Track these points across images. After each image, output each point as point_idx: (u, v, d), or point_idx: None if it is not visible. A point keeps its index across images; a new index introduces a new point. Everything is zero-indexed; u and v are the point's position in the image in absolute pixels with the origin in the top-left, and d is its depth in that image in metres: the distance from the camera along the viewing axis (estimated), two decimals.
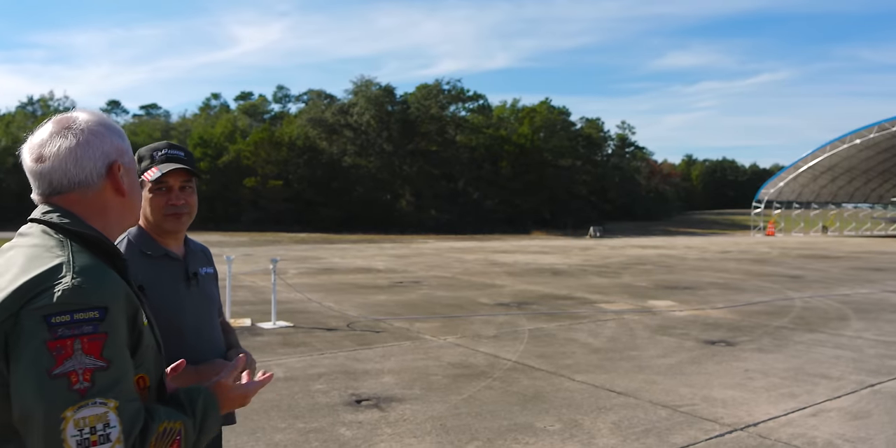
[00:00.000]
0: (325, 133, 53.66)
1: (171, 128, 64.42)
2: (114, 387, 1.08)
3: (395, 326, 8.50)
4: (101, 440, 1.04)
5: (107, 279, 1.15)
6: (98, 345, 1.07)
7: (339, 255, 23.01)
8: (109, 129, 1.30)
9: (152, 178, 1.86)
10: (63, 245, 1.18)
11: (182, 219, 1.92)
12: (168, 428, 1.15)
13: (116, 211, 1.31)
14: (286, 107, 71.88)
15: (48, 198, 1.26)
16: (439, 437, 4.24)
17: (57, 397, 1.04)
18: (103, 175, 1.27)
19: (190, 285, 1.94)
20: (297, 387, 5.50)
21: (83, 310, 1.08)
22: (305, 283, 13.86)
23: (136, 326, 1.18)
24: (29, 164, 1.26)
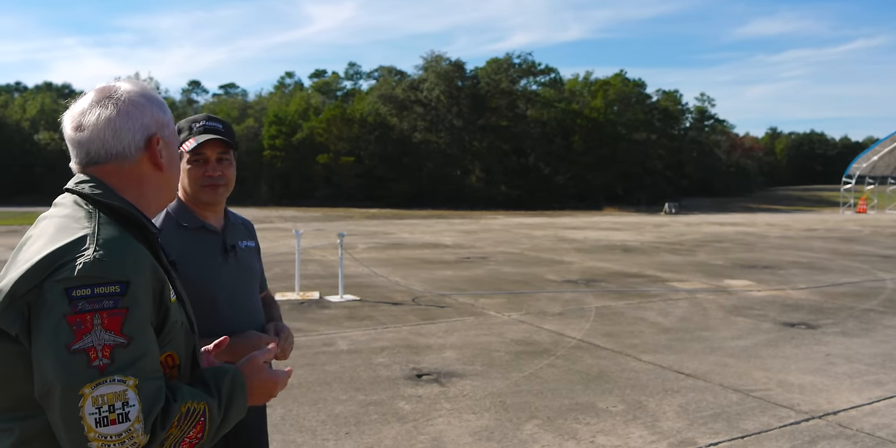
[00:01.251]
0: (396, 109, 53.98)
1: (247, 106, 66.29)
2: (134, 364, 1.04)
3: (460, 302, 8.49)
4: (119, 419, 1.01)
5: (131, 252, 1.11)
6: (118, 320, 1.04)
7: (408, 231, 23.22)
8: (150, 100, 1.27)
9: (189, 148, 1.84)
10: (91, 216, 1.15)
11: (218, 190, 1.90)
12: (192, 408, 1.11)
13: (153, 185, 1.28)
14: (357, 84, 72.67)
15: (85, 167, 1.24)
16: (498, 414, 4.20)
17: (75, 373, 1.01)
18: (141, 148, 1.24)
19: (227, 258, 1.93)
20: (360, 360, 5.57)
21: (104, 283, 1.04)
22: (374, 257, 14.05)
23: (162, 302, 1.14)
24: (68, 132, 1.24)
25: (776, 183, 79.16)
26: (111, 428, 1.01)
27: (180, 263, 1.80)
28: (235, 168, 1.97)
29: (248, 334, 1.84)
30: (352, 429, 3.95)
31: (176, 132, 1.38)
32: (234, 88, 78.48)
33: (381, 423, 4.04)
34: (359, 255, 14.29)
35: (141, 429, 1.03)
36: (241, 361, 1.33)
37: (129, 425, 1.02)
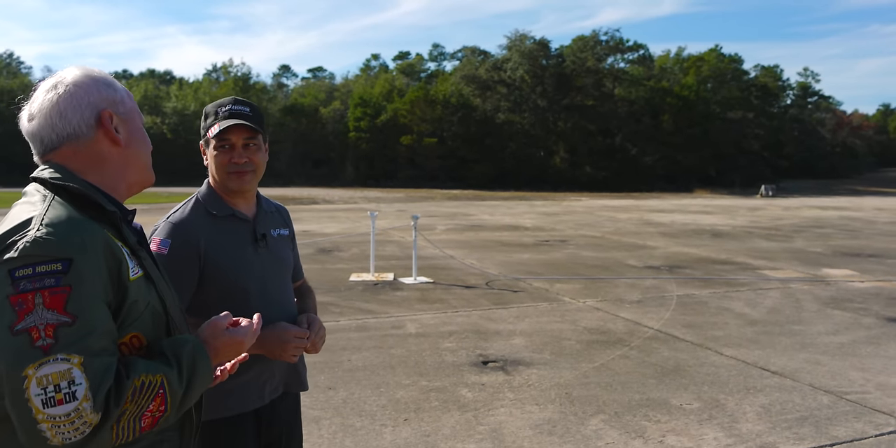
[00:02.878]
0: (479, 90, 53.57)
1: (334, 89, 67.68)
2: (78, 342, 1.01)
3: (535, 287, 8.30)
4: (66, 398, 0.99)
5: (77, 231, 1.08)
6: (61, 298, 1.02)
7: (489, 213, 23.08)
8: (96, 80, 1.25)
9: (213, 134, 1.77)
10: (44, 199, 1.15)
11: (245, 177, 1.81)
12: (147, 381, 1.07)
13: (115, 162, 1.26)
14: (441, 65, 72.52)
15: (43, 156, 1.24)
16: (563, 406, 4.03)
17: (18, 354, 0.99)
18: (93, 125, 1.22)
19: (258, 246, 1.85)
20: (427, 344, 5.52)
21: (45, 262, 1.03)
22: (451, 239, 14.02)
23: (120, 281, 1.11)
24: (23, 124, 1.25)
25: (888, 163, 73.30)
26: (58, 408, 0.98)
27: (210, 252, 1.75)
28: (266, 153, 1.89)
29: (277, 325, 1.77)
30: (411, 415, 3.90)
31: (136, 109, 1.34)
32: (322, 72, 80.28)
33: (441, 411, 3.96)
34: (436, 237, 14.29)
35: (90, 407, 1.00)
36: (200, 328, 1.30)
37: (76, 404, 0.99)
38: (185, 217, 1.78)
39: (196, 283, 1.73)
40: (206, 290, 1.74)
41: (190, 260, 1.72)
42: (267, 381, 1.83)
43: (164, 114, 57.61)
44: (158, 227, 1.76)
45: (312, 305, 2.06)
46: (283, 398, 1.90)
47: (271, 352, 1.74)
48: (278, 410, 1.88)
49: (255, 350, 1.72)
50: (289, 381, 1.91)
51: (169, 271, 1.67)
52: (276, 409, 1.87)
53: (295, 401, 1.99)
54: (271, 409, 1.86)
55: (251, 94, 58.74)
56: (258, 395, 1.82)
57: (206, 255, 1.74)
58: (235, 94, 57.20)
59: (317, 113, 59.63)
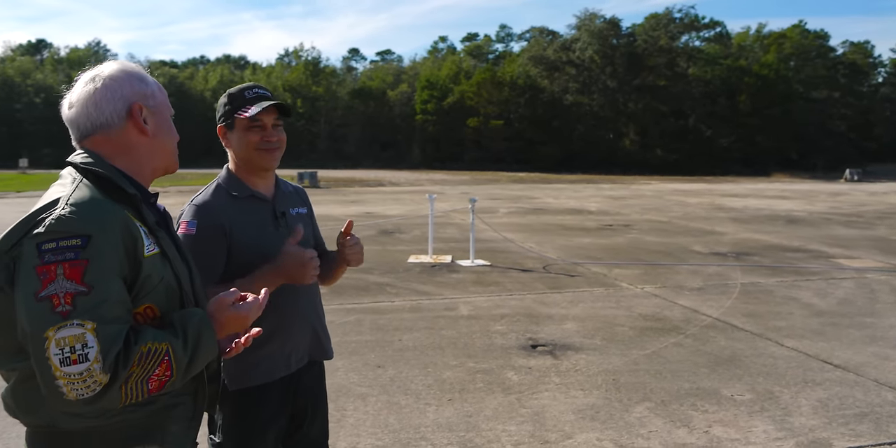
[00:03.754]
0: (547, 71, 52.66)
1: (401, 72, 67.99)
2: (93, 310, 1.13)
3: (592, 271, 8.20)
4: (80, 359, 1.11)
5: (97, 210, 1.20)
6: (79, 270, 1.13)
7: (553, 196, 22.82)
8: (130, 74, 1.38)
9: (250, 114, 1.85)
10: (73, 182, 1.27)
11: (274, 154, 1.91)
12: (153, 348, 1.17)
13: (142, 150, 1.38)
14: (509, 46, 71.66)
15: (80, 142, 1.37)
16: (608, 392, 3.99)
17: (41, 318, 1.12)
18: (124, 117, 1.35)
19: (278, 225, 1.94)
20: (478, 326, 5.56)
21: (67, 237, 1.15)
22: (512, 222, 13.97)
23: (136, 258, 1.23)
24: (64, 111, 1.38)
25: None
26: (73, 367, 1.11)
27: (234, 230, 1.84)
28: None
29: (287, 251, 1.79)
30: (455, 396, 3.96)
31: (166, 102, 1.45)
32: (390, 55, 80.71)
33: (486, 393, 4.00)
34: (497, 220, 14.27)
35: (99, 368, 1.11)
36: (209, 302, 1.38)
37: (88, 365, 1.11)
38: (209, 199, 1.88)
39: (225, 259, 1.82)
40: (232, 265, 1.83)
41: (216, 239, 1.82)
42: (292, 351, 1.92)
43: None
44: (184, 211, 1.86)
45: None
46: (308, 368, 1.98)
47: (292, 276, 1.80)
48: (304, 380, 1.97)
49: (278, 280, 1.78)
50: (313, 351, 2.00)
51: (198, 250, 1.76)
52: (302, 378, 1.95)
53: (320, 370, 2.08)
54: (298, 379, 1.94)
55: (321, 77, 59.73)
56: (284, 365, 1.90)
57: (230, 233, 1.83)
58: (305, 77, 58.78)
59: (384, 96, 60.14)
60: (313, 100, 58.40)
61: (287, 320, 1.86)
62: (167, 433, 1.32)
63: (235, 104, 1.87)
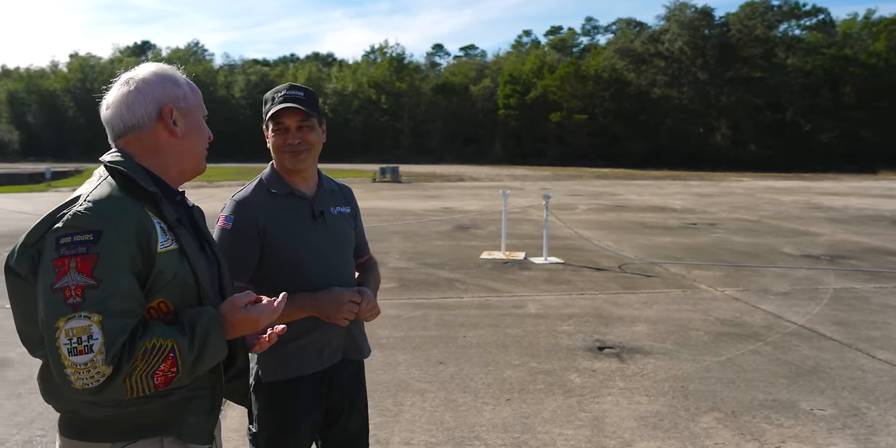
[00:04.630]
0: (633, 63, 51.19)
1: (484, 67, 67.83)
2: (101, 303, 1.17)
3: (671, 272, 7.89)
4: (85, 350, 1.15)
5: (111, 207, 1.24)
6: (89, 264, 1.18)
7: (636, 192, 22.18)
8: (163, 78, 1.43)
9: (266, 118, 1.89)
10: (99, 179, 1.34)
11: (300, 156, 1.90)
12: (158, 344, 1.20)
13: (171, 151, 1.43)
14: (594, 39, 70.17)
15: (114, 141, 1.43)
16: (675, 400, 3.82)
17: (54, 309, 1.17)
18: (154, 118, 1.40)
19: (316, 223, 1.94)
20: (545, 325, 5.46)
21: (81, 232, 1.20)
22: (591, 219, 13.67)
23: (149, 253, 1.26)
24: (102, 112, 1.44)
25: None
26: (79, 357, 1.15)
27: (269, 227, 1.86)
28: (322, 133, 1.97)
29: (332, 290, 1.86)
30: (514, 396, 3.90)
31: (199, 104, 1.48)
32: (474, 50, 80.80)
33: (546, 394, 3.92)
34: (576, 217, 14.00)
35: (102, 360, 1.15)
36: (223, 303, 1.39)
37: (92, 356, 1.15)
38: (248, 196, 1.91)
39: (258, 255, 1.85)
40: (267, 262, 1.86)
41: (251, 234, 1.85)
42: (324, 347, 1.93)
43: (325, 94, 61.03)
44: (225, 206, 1.90)
45: (374, 281, 2.11)
46: (343, 365, 1.98)
47: (325, 314, 1.83)
48: (339, 376, 1.97)
49: (310, 312, 1.82)
50: (348, 348, 1.99)
51: (232, 245, 1.81)
52: (336, 374, 1.96)
53: (357, 368, 2.07)
54: (331, 375, 1.95)
55: (404, 73, 60.48)
56: (317, 360, 1.91)
57: (265, 230, 1.86)
58: (390, 73, 59.68)
59: (467, 91, 60.21)
60: (397, 96, 59.25)
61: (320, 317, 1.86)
62: (184, 425, 1.35)
63: (267, 106, 1.90)
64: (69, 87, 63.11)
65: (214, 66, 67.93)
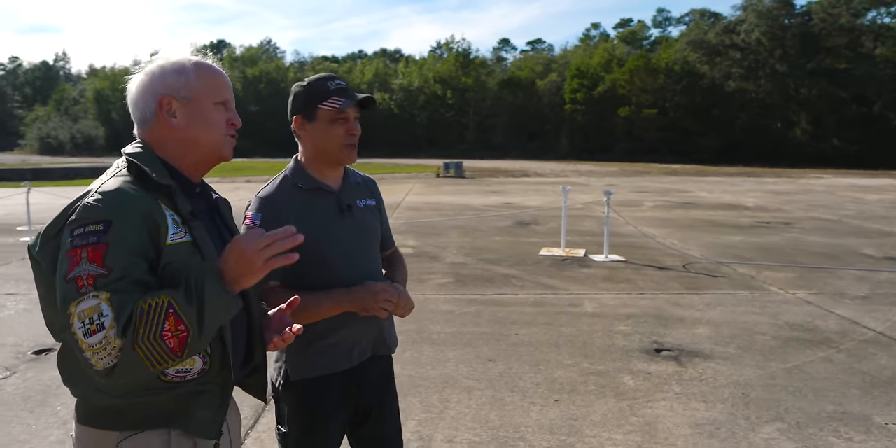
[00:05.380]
0: (707, 56, 49.40)
1: (551, 61, 66.93)
2: (109, 284, 1.17)
3: (738, 272, 7.55)
4: (98, 328, 1.15)
5: (121, 198, 1.24)
6: (100, 254, 1.19)
7: (707, 189, 21.41)
8: (164, 69, 1.40)
9: (340, 106, 1.82)
10: (115, 170, 1.35)
11: (355, 150, 1.89)
12: (152, 303, 1.17)
13: (174, 143, 1.40)
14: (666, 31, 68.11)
15: (137, 133, 1.43)
16: (734, 408, 3.63)
17: (68, 297, 1.18)
18: (154, 111, 1.39)
19: (343, 217, 1.90)
20: (601, 325, 5.31)
21: (91, 223, 1.21)
22: (657, 217, 13.27)
23: (157, 243, 1.26)
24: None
25: None
26: (93, 337, 1.15)
27: (297, 223, 1.83)
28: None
29: (366, 283, 1.82)
30: (563, 397, 3.79)
31: (206, 91, 1.41)
32: (541, 44, 79.82)
33: (596, 396, 3.79)
34: (641, 214, 13.62)
35: (114, 334, 1.14)
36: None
37: (105, 332, 1.14)
38: (274, 192, 1.88)
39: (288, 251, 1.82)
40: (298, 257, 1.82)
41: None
42: (354, 344, 1.89)
43: (391, 90, 61.69)
44: (250, 203, 1.88)
45: (401, 275, 2.06)
46: (372, 362, 1.94)
47: (363, 306, 1.79)
48: (368, 374, 1.93)
49: (347, 307, 1.79)
50: (376, 345, 1.95)
51: None
52: (365, 371, 1.92)
53: (386, 364, 2.03)
54: (360, 372, 1.91)
55: (470, 68, 60.35)
56: (346, 358, 1.88)
57: (294, 225, 1.81)
58: (455, 69, 59.67)
59: (533, 86, 59.59)
60: (462, 91, 59.24)
61: (350, 314, 1.82)
62: (192, 418, 1.34)
63: (318, 95, 1.83)
64: None
65: (285, 64, 69.61)
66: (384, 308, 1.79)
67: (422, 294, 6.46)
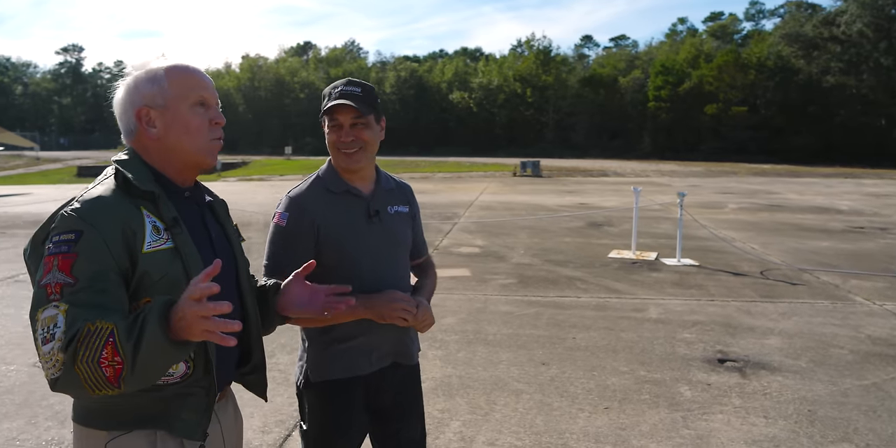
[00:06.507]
0: (803, 49, 46.71)
1: (634, 58, 65.10)
2: (71, 295, 1.19)
3: (821, 280, 7.11)
4: (51, 337, 1.17)
5: (94, 208, 1.27)
6: (68, 263, 1.21)
7: (798, 191, 20.28)
8: (137, 79, 1.41)
9: (320, 116, 1.86)
10: (103, 177, 1.38)
11: (353, 156, 1.85)
12: (98, 327, 1.14)
13: (156, 151, 1.42)
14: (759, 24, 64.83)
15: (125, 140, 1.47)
16: (797, 425, 3.42)
17: (36, 303, 1.21)
18: (134, 121, 1.42)
19: (371, 222, 1.89)
20: (663, 332, 5.13)
21: (65, 232, 1.24)
22: (739, 220, 12.70)
23: (132, 253, 1.28)
24: None
25: None
26: (46, 346, 1.17)
27: (323, 225, 1.86)
28: (377, 131, 1.90)
29: (385, 291, 1.82)
30: (614, 404, 3.69)
31: (181, 95, 1.41)
32: (624, 40, 77.73)
33: (649, 406, 3.67)
34: (722, 217, 13.08)
35: (59, 347, 1.15)
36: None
37: (53, 344, 1.16)
38: (303, 192, 1.90)
39: (312, 253, 1.84)
40: (321, 260, 1.85)
41: (305, 231, 1.84)
42: (373, 349, 1.90)
43: (470, 89, 61.72)
44: (280, 201, 1.91)
45: (429, 286, 2.05)
46: (393, 369, 1.95)
47: (380, 314, 1.79)
48: (389, 379, 1.94)
49: (364, 313, 1.80)
50: (398, 354, 1.95)
51: (286, 242, 1.84)
52: (385, 377, 1.93)
53: (409, 373, 2.01)
54: (381, 377, 1.92)
55: (551, 66, 59.60)
56: (366, 362, 1.89)
57: (319, 227, 1.84)
58: (535, 67, 59.09)
59: (615, 83, 58.14)
60: (542, 89, 58.55)
61: (370, 320, 1.83)
62: (176, 419, 1.36)
63: (324, 101, 1.87)
64: (240, 85, 68.93)
65: (367, 64, 70.98)
66: (401, 317, 1.79)
67: (483, 294, 6.45)
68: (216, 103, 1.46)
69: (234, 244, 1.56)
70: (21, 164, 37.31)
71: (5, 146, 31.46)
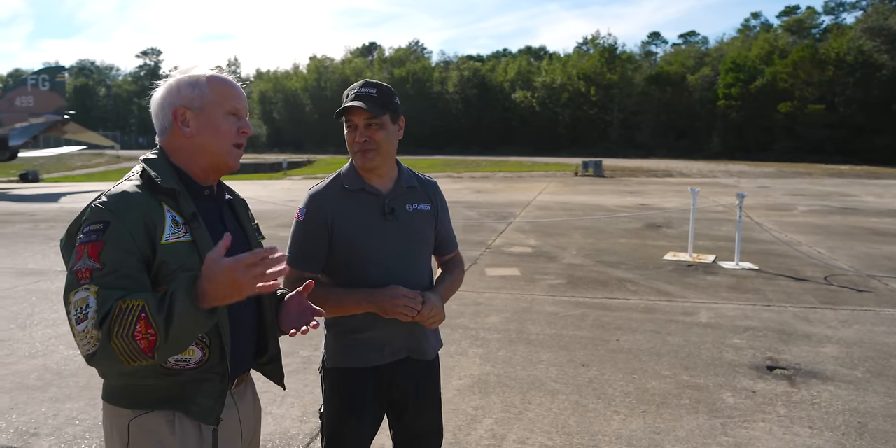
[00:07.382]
0: (887, 44, 44.28)
1: (703, 55, 63.15)
2: (100, 279, 1.31)
3: (890, 288, 6.76)
4: (84, 317, 1.29)
5: (122, 201, 1.39)
6: (96, 250, 1.33)
7: (876, 194, 19.26)
8: (179, 82, 1.54)
9: (335, 116, 1.92)
10: (131, 174, 1.50)
11: (367, 155, 1.91)
12: (129, 305, 1.27)
13: (186, 150, 1.55)
14: (839, 18, 61.66)
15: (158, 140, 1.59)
16: (845, 437, 3.28)
17: (69, 286, 1.34)
18: (171, 121, 1.54)
19: (386, 219, 1.94)
20: (712, 336, 5.00)
21: (94, 223, 1.36)
22: (808, 222, 12.17)
23: (153, 242, 1.39)
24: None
25: None
26: (80, 326, 1.29)
27: (337, 221, 1.93)
28: (394, 131, 1.94)
29: (390, 287, 1.85)
30: (651, 408, 3.63)
31: (217, 102, 1.53)
32: (694, 37, 75.35)
33: (688, 411, 3.60)
34: (790, 219, 12.57)
35: (93, 325, 1.27)
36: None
37: (87, 323, 1.28)
38: (321, 189, 1.99)
39: (328, 248, 1.92)
40: (334, 254, 1.93)
41: (319, 227, 1.93)
42: (387, 342, 1.95)
43: (533, 88, 61.28)
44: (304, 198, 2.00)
45: (448, 284, 2.07)
46: (408, 363, 1.99)
47: (381, 308, 1.83)
48: (401, 372, 1.98)
49: (367, 307, 1.85)
50: (412, 348, 1.99)
51: (301, 236, 1.93)
52: (397, 370, 1.97)
53: (426, 368, 2.04)
54: (394, 370, 1.97)
55: (616, 64, 58.50)
56: (379, 354, 1.95)
57: (333, 223, 1.92)
58: (600, 65, 58.13)
59: (683, 81, 56.54)
60: (607, 87, 57.58)
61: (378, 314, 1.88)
62: (194, 403, 1.46)
63: (342, 103, 1.94)
64: (307, 86, 70.69)
65: (431, 64, 71.43)
66: (403, 313, 1.82)
67: (530, 294, 6.44)
68: (246, 115, 1.60)
69: (252, 239, 1.65)
70: (102, 162, 39.39)
71: (88, 145, 33.24)
